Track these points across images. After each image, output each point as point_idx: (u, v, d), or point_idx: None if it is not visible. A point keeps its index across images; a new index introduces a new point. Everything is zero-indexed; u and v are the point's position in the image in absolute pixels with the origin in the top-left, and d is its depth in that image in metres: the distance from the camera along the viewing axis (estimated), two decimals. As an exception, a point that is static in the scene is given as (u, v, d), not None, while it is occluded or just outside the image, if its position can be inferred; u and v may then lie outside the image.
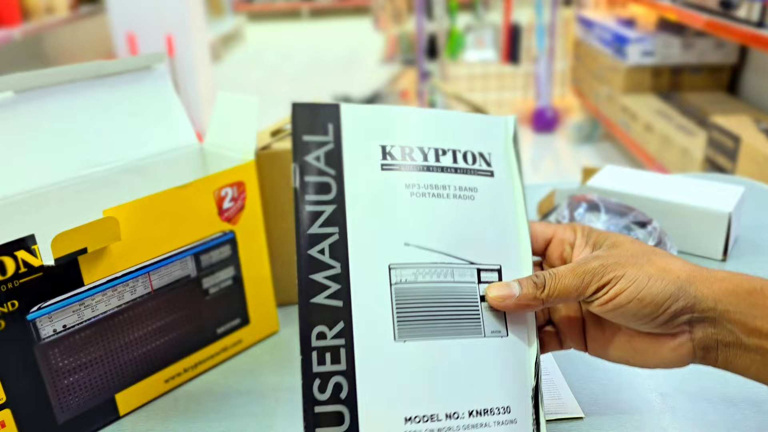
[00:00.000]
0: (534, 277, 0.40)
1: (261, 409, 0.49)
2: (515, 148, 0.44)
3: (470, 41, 3.69)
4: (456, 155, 0.42)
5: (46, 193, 0.51)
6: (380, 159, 0.40)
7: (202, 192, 0.50)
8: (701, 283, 0.38)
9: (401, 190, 0.40)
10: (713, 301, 0.37)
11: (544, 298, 0.39)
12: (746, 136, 1.86)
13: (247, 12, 6.88)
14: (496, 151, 0.43)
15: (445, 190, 0.41)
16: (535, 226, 0.44)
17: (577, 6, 3.79)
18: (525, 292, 0.39)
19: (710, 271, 0.39)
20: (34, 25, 3.09)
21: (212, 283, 0.52)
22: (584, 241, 0.42)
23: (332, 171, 0.39)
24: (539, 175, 2.76)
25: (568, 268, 0.39)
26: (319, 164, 0.39)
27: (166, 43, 2.92)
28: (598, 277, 0.38)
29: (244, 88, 4.45)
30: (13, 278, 0.40)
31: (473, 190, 0.42)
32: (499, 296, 0.40)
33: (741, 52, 2.57)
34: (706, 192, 0.71)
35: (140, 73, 0.58)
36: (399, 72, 4.25)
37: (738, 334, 0.37)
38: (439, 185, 0.41)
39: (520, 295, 0.39)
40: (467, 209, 0.41)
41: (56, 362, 0.44)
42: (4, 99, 0.50)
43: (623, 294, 0.38)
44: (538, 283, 0.39)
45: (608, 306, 0.38)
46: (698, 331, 0.38)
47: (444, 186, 0.41)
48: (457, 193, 0.41)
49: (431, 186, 0.40)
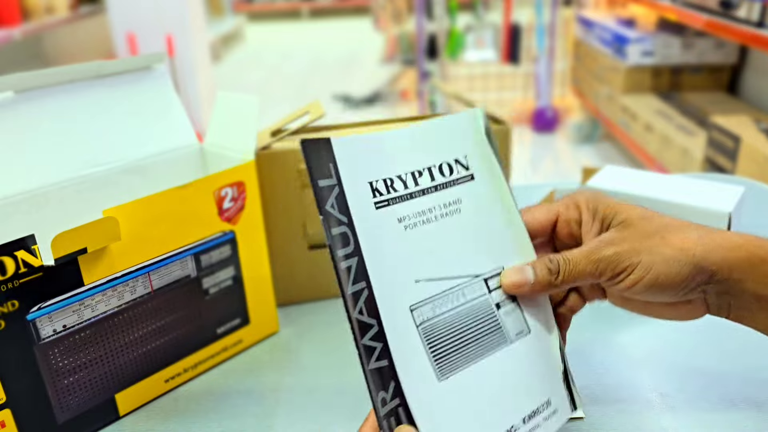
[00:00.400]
0: (548, 261, 0.40)
1: (261, 409, 0.49)
2: (489, 140, 0.44)
3: (470, 41, 3.69)
4: (432, 172, 0.41)
5: (46, 193, 0.51)
6: (371, 197, 0.39)
7: (202, 192, 0.50)
8: (717, 253, 0.38)
9: (396, 227, 0.39)
10: (728, 270, 0.38)
11: (558, 284, 0.39)
12: (746, 136, 1.86)
13: (247, 12, 6.88)
14: (471, 150, 0.43)
15: (432, 212, 0.40)
16: (538, 211, 0.43)
17: (577, 6, 3.79)
18: (540, 278, 0.39)
19: (725, 237, 0.39)
20: (34, 25, 3.09)
21: (212, 283, 0.52)
22: (591, 216, 0.42)
23: (345, 218, 0.37)
24: (539, 175, 2.76)
25: (582, 254, 0.39)
26: (335, 212, 0.38)
27: (166, 43, 2.92)
28: (613, 266, 0.38)
29: (244, 88, 4.45)
30: (13, 278, 0.40)
31: (458, 202, 0.41)
32: (514, 283, 0.40)
33: (741, 52, 2.57)
34: (706, 192, 0.71)
35: (140, 73, 0.58)
36: (399, 72, 4.25)
37: (749, 299, 0.38)
38: (425, 210, 0.40)
39: (534, 281, 0.39)
40: (457, 224, 0.41)
41: (56, 362, 0.44)
42: (5, 99, 0.50)
43: (640, 284, 0.38)
44: (552, 269, 0.39)
45: (626, 293, 0.39)
46: (712, 295, 0.39)
47: (430, 209, 0.40)
48: (443, 212, 0.41)
49: (419, 213, 0.40)
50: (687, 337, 0.56)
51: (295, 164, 0.59)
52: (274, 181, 0.59)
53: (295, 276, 0.62)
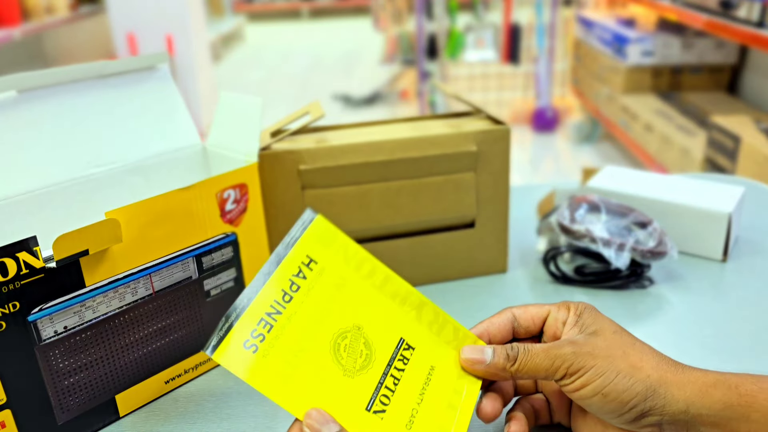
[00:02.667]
0: (509, 348, 0.40)
1: (261, 410, 0.49)
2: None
3: (470, 41, 3.69)
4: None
5: (49, 194, 0.52)
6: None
7: (204, 194, 0.50)
8: (673, 385, 0.37)
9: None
10: (685, 404, 0.36)
11: (513, 372, 0.40)
12: (746, 136, 1.86)
13: (247, 12, 6.88)
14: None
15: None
16: (531, 309, 0.44)
17: (577, 6, 3.79)
18: (496, 361, 0.40)
19: (685, 370, 0.38)
20: (34, 25, 3.09)
21: (214, 284, 0.52)
22: (575, 320, 0.41)
23: None
24: (539, 175, 2.76)
25: (543, 348, 0.39)
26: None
27: (166, 43, 2.92)
28: (567, 364, 0.38)
29: (244, 88, 4.45)
30: (15, 279, 0.40)
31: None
32: (471, 359, 0.41)
33: (741, 52, 2.57)
34: (706, 192, 0.71)
35: (143, 73, 0.58)
36: (399, 72, 4.25)
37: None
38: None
39: (490, 363, 0.40)
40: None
41: (57, 363, 0.44)
42: (7, 98, 0.50)
43: (588, 387, 0.37)
44: (511, 356, 0.40)
45: (574, 395, 0.38)
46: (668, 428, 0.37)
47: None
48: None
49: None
50: (688, 343, 0.56)
51: (295, 165, 0.59)
52: (274, 181, 0.59)
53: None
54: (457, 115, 0.68)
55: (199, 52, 3.07)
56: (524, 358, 0.39)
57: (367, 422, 0.37)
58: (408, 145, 0.60)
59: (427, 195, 0.62)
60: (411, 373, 0.40)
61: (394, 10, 4.24)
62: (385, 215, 0.62)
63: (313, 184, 0.60)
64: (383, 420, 0.37)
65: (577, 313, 0.42)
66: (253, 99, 0.56)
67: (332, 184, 0.60)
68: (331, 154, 0.59)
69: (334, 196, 0.60)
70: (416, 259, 0.65)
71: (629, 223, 0.66)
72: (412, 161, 0.61)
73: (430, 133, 0.61)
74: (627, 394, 0.37)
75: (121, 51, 2.97)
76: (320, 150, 0.59)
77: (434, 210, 0.63)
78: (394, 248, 0.63)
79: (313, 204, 0.60)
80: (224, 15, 5.92)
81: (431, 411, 0.39)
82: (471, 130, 0.62)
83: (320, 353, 0.38)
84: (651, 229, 0.64)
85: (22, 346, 0.42)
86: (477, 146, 0.62)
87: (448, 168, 0.62)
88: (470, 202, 0.63)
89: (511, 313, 0.44)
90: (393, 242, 0.63)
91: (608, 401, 0.37)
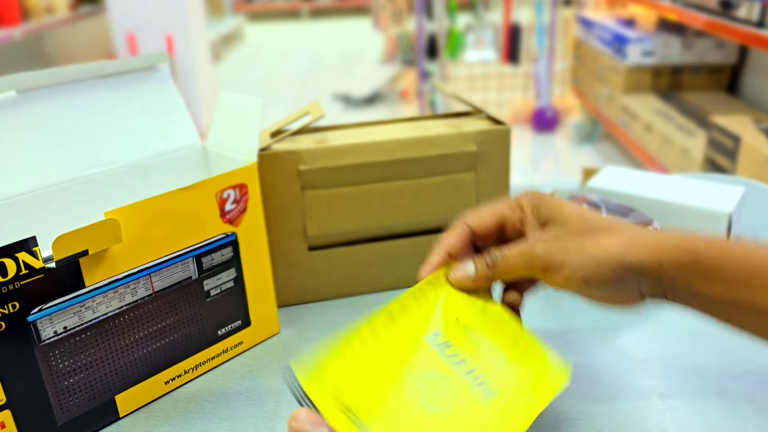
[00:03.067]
0: (488, 257, 0.43)
1: (261, 410, 0.49)
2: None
3: (470, 41, 3.69)
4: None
5: (49, 194, 0.51)
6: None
7: (204, 194, 0.50)
8: (645, 252, 0.40)
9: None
10: (658, 265, 0.39)
11: (495, 277, 0.44)
12: (746, 136, 1.86)
13: (247, 12, 6.88)
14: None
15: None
16: (484, 214, 0.45)
17: (577, 6, 3.79)
18: (479, 272, 0.43)
19: (656, 238, 0.40)
20: (34, 25, 3.09)
21: (213, 285, 0.52)
22: (533, 216, 0.44)
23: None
24: (539, 175, 2.76)
25: (518, 250, 0.42)
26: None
27: (166, 43, 2.92)
28: (542, 262, 0.41)
29: (244, 88, 4.45)
30: (14, 280, 0.40)
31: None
32: (458, 278, 0.44)
33: (741, 52, 2.57)
34: (706, 192, 0.71)
35: (143, 73, 0.58)
36: (399, 72, 4.24)
37: (683, 293, 0.40)
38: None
39: (474, 276, 0.43)
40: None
41: (56, 364, 0.44)
42: (7, 98, 0.50)
43: (572, 280, 0.40)
44: (490, 264, 0.43)
45: (555, 288, 0.42)
46: (645, 288, 0.41)
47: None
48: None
49: None
50: (688, 338, 0.56)
51: (295, 165, 0.59)
52: (274, 182, 0.59)
53: (295, 277, 0.62)
54: (457, 115, 0.68)
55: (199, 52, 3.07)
56: (502, 264, 0.43)
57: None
58: (408, 145, 0.60)
59: (428, 195, 0.62)
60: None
61: (394, 10, 4.24)
62: (386, 215, 0.62)
63: (313, 185, 0.60)
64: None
65: (534, 208, 0.44)
66: (253, 99, 0.56)
67: (332, 184, 0.60)
68: (331, 154, 0.59)
69: (334, 196, 0.60)
70: (417, 260, 0.64)
71: (630, 223, 0.65)
72: (412, 161, 0.61)
73: (431, 133, 0.61)
74: (605, 276, 0.40)
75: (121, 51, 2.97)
76: (320, 150, 0.59)
77: (435, 210, 0.63)
78: (395, 248, 0.63)
79: (313, 204, 0.60)
80: (224, 15, 5.92)
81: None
82: (471, 130, 0.62)
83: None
84: (651, 229, 0.64)
85: (22, 346, 0.42)
86: (477, 146, 0.62)
87: (449, 168, 0.62)
88: (470, 202, 0.63)
89: (466, 225, 0.46)
90: (393, 242, 0.63)
91: (589, 286, 0.40)
